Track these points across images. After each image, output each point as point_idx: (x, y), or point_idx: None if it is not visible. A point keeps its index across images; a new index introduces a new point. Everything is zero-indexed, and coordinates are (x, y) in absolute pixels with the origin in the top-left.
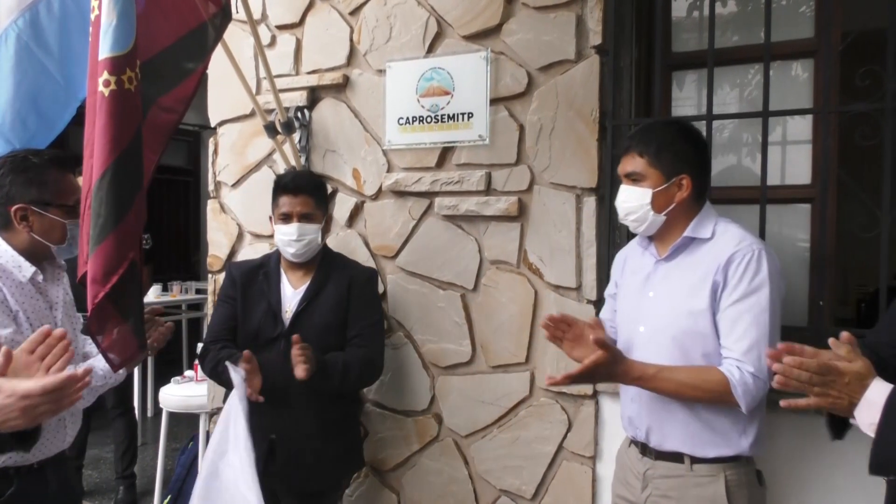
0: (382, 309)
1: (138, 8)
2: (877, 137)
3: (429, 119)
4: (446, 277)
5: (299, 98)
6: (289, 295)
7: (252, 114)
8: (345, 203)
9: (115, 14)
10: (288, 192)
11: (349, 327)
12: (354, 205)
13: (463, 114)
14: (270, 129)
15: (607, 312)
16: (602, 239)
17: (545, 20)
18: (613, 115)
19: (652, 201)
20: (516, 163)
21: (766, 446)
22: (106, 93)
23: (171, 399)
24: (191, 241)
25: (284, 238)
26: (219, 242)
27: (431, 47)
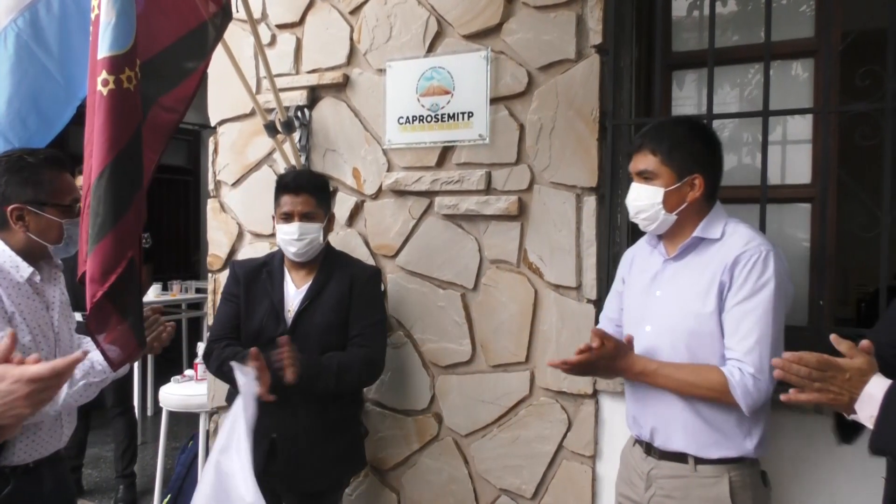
0: (385, 308)
1: (138, 7)
2: (877, 137)
3: (429, 118)
4: (446, 277)
5: (299, 97)
6: (291, 294)
7: (252, 113)
8: (345, 202)
9: (113, 13)
10: (289, 192)
11: (350, 326)
12: (354, 204)
13: (463, 113)
14: (270, 129)
15: (614, 311)
16: (602, 238)
17: (545, 20)
18: (613, 115)
19: (664, 200)
20: (516, 162)
21: (771, 447)
22: (104, 92)
23: (171, 398)
24: (191, 240)
25: (285, 237)
26: (219, 242)
27: (431, 47)
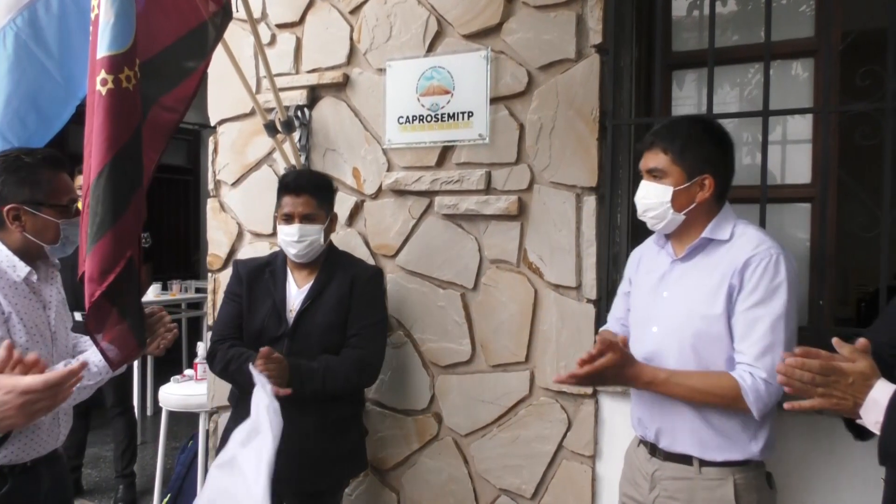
0: (385, 309)
1: (138, 7)
2: (877, 137)
3: (429, 118)
4: (446, 276)
5: (299, 97)
6: (293, 294)
7: (252, 113)
8: (345, 202)
9: (112, 13)
10: (290, 192)
11: (349, 326)
12: (354, 204)
13: (463, 113)
14: (270, 128)
15: (620, 311)
16: (602, 238)
17: (545, 19)
18: (613, 115)
19: (672, 199)
20: (516, 162)
21: (776, 449)
22: (103, 92)
23: (171, 398)
24: (190, 239)
25: (286, 238)
26: (219, 241)
27: (431, 46)
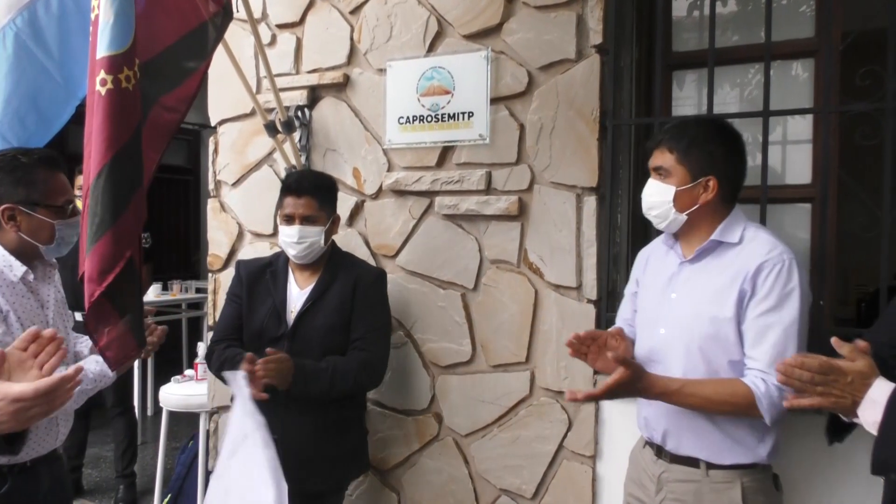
0: (389, 311)
1: (139, 7)
2: (877, 137)
3: (429, 118)
4: (446, 277)
5: (300, 97)
6: (295, 295)
7: (252, 113)
8: (345, 202)
9: (112, 13)
10: (292, 193)
11: (352, 329)
12: (355, 204)
13: (463, 113)
14: (271, 129)
15: (627, 312)
16: (602, 238)
17: (546, 19)
18: (614, 115)
19: (674, 199)
20: (516, 162)
21: (783, 452)
22: (103, 92)
23: (172, 398)
24: (191, 240)
25: (286, 240)
26: (219, 241)
27: (432, 46)
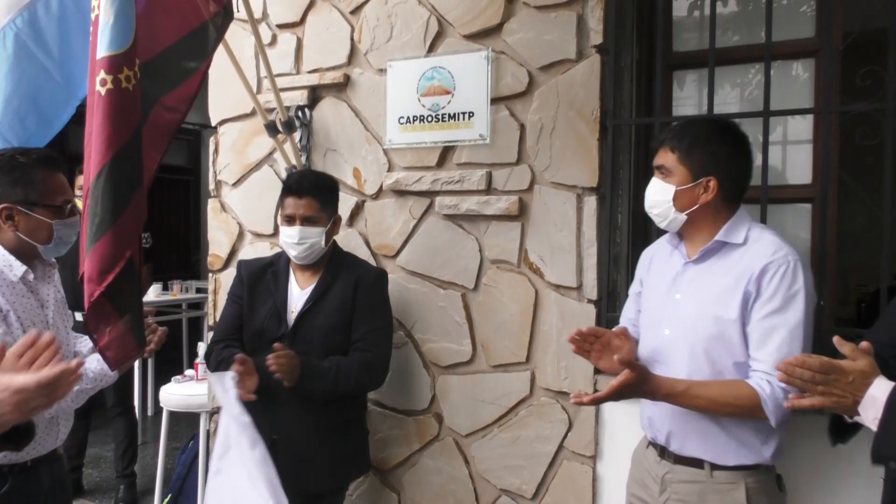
0: (391, 312)
1: (139, 7)
2: (878, 137)
3: (429, 118)
4: (447, 277)
5: (300, 97)
6: (296, 295)
7: (253, 113)
8: (345, 202)
9: (111, 13)
10: (293, 194)
11: (354, 330)
12: (355, 204)
13: (464, 113)
14: (271, 129)
15: (631, 312)
16: (602, 239)
17: (546, 20)
18: (614, 115)
19: (674, 198)
20: (517, 162)
21: (786, 453)
22: (102, 92)
23: (172, 398)
24: (191, 240)
25: (287, 240)
26: (219, 241)
27: (432, 46)
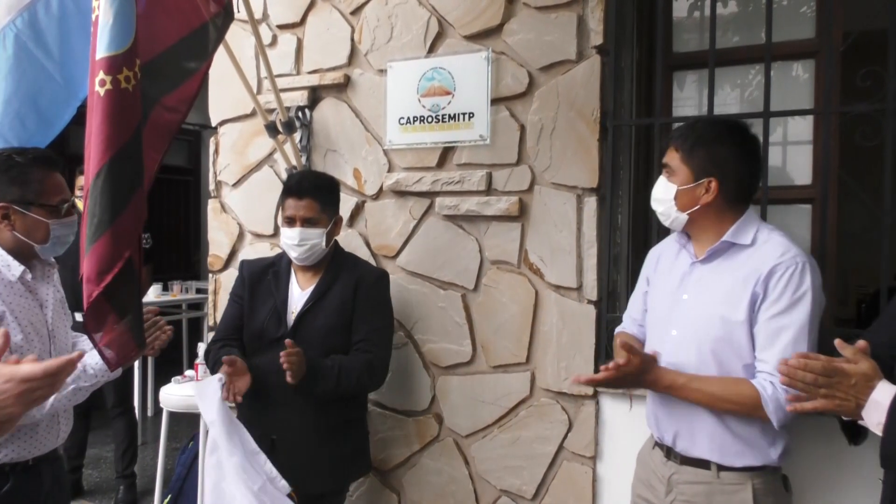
0: (391, 312)
1: (139, 8)
2: (878, 138)
3: (430, 119)
4: (447, 277)
5: (300, 98)
6: (296, 296)
7: (253, 113)
8: (345, 203)
9: (111, 13)
10: (293, 195)
11: (354, 331)
12: (355, 204)
13: (464, 114)
14: (271, 129)
15: (636, 311)
16: (603, 239)
17: (546, 20)
18: (614, 116)
19: (675, 198)
20: (517, 163)
21: (792, 455)
22: (102, 92)
23: (172, 398)
24: (191, 240)
25: (287, 241)
26: (219, 242)
27: (432, 47)
